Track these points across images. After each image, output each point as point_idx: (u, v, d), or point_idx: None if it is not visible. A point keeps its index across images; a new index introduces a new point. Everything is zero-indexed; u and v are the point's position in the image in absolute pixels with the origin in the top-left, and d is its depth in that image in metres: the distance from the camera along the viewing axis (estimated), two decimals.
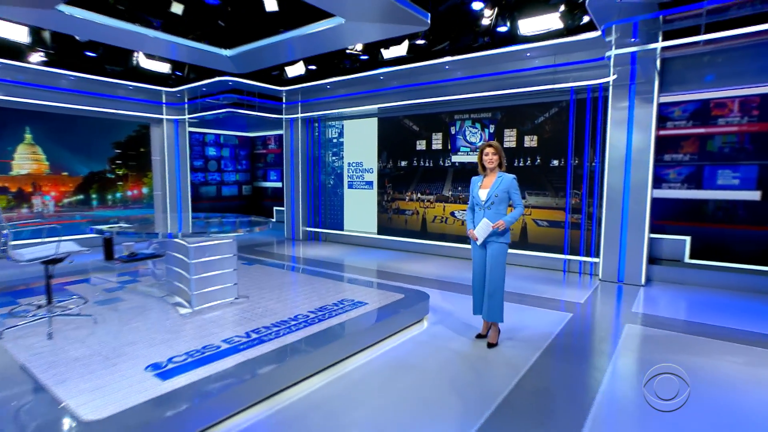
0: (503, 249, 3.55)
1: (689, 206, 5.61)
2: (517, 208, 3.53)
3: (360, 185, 8.32)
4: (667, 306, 4.73)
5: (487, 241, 3.50)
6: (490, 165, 3.53)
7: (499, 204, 3.49)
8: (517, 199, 3.53)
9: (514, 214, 3.51)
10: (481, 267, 3.65)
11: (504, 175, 3.51)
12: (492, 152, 3.52)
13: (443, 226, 7.36)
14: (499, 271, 3.55)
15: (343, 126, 8.49)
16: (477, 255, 3.66)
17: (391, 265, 6.73)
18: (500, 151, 3.56)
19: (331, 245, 8.49)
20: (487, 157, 3.54)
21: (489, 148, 3.55)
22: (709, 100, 5.40)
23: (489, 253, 3.53)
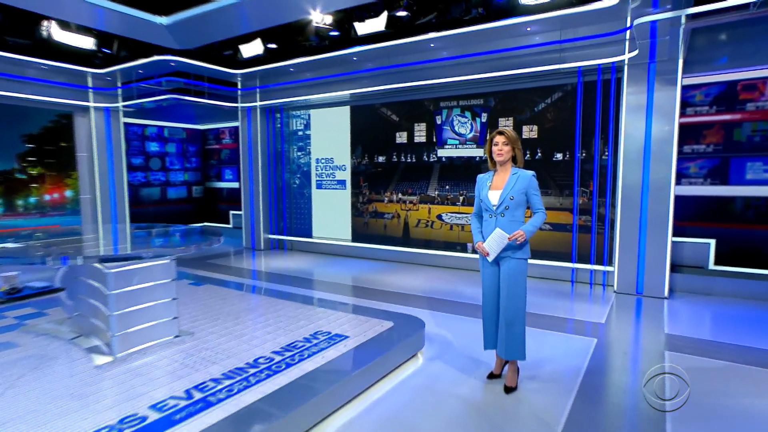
0: (523, 266, 2.97)
1: (713, 204, 5.26)
2: (537, 213, 2.97)
3: (331, 185, 7.76)
4: (701, 324, 4.30)
5: (500, 256, 2.95)
6: (501, 158, 2.96)
7: (516, 209, 2.93)
8: (537, 202, 2.98)
9: (534, 221, 2.95)
10: (494, 290, 3.07)
11: (520, 172, 2.96)
12: (503, 142, 2.94)
13: (429, 231, 6.85)
14: (519, 295, 2.97)
15: (309, 116, 7.92)
16: (488, 275, 3.07)
17: (370, 278, 6.16)
18: (515, 141, 2.97)
19: (298, 255, 7.87)
20: (497, 147, 2.96)
21: (500, 136, 2.97)
22: (736, 81, 5.04)
23: (504, 272, 2.97)
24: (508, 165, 3.01)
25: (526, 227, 2.93)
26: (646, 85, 4.94)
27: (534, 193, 2.97)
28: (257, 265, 7.17)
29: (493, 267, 3.06)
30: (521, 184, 2.94)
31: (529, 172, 2.98)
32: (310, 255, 7.89)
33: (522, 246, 2.96)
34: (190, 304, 4.45)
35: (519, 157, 3.04)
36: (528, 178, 2.96)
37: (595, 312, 4.70)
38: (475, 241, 3.09)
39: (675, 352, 3.62)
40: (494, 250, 2.96)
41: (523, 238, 2.89)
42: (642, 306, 4.86)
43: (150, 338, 3.32)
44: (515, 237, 2.89)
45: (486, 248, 2.97)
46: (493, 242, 2.95)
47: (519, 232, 2.90)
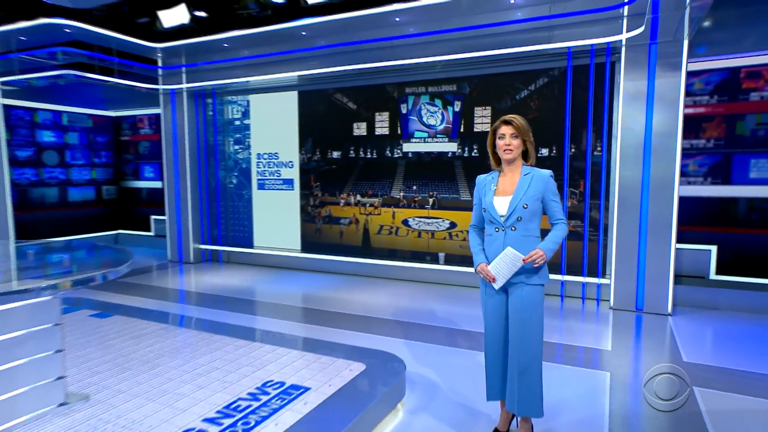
0: (539, 295, 2.49)
1: (714, 206, 5.08)
2: (558, 225, 2.50)
3: (275, 185, 7.19)
4: (719, 348, 4.02)
5: (510, 282, 2.47)
6: (508, 155, 2.47)
7: (530, 220, 2.46)
8: (557, 210, 2.51)
9: (555, 235, 2.47)
10: (500, 325, 2.56)
11: (534, 172, 2.49)
12: (512, 134, 2.46)
13: (393, 239, 6.42)
14: (534, 332, 2.48)
15: (249, 102, 7.31)
16: (493, 306, 2.57)
17: (325, 298, 5.58)
18: (526, 132, 2.48)
19: (237, 270, 7.16)
20: (504, 141, 2.47)
21: (506, 126, 2.48)
22: (738, 68, 4.85)
23: (515, 302, 2.48)
24: (518, 163, 2.53)
25: (545, 245, 2.44)
26: (646, 70, 4.68)
27: (553, 198, 2.49)
28: (185, 284, 6.34)
29: (500, 295, 2.55)
30: (537, 188, 2.46)
31: (546, 172, 2.50)
32: (250, 269, 7.21)
33: (539, 269, 2.47)
34: (89, 347, 3.58)
35: (531, 153, 2.55)
36: (545, 180, 2.47)
37: (595, 335, 4.35)
38: (476, 263, 2.57)
39: (704, 388, 3.25)
40: (503, 275, 2.45)
41: (543, 260, 2.40)
42: (646, 326, 4.57)
43: (21, 412, 2.48)
44: (533, 258, 2.39)
45: (492, 272, 2.46)
46: (503, 265, 2.44)
47: (537, 252, 2.40)
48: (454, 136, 5.96)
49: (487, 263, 2.52)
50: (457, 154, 5.96)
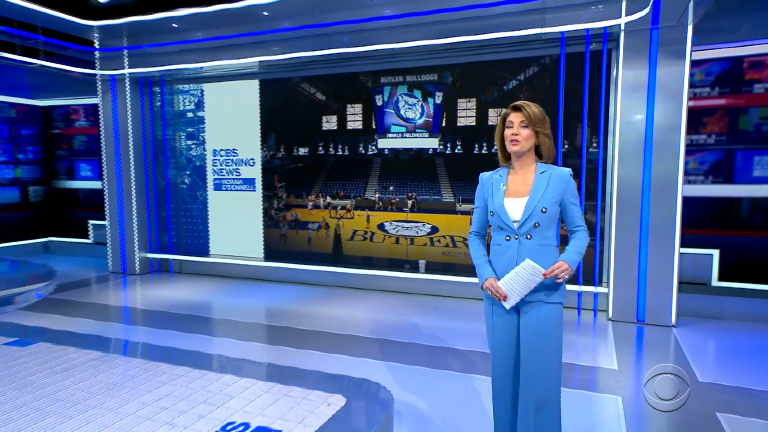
0: (558, 315, 2.24)
1: (716, 207, 4.97)
2: (578, 232, 2.27)
3: (234, 185, 6.91)
4: (734, 365, 3.85)
5: (524, 301, 2.22)
6: (513, 146, 2.22)
7: (548, 227, 2.22)
8: (578, 215, 2.27)
9: (578, 245, 2.24)
10: (510, 351, 2.30)
11: (552, 170, 2.25)
12: (521, 122, 2.21)
13: (368, 245, 6.21)
14: (553, 360, 2.21)
15: (203, 92, 6.98)
16: (502, 328, 2.30)
17: (292, 313, 5.24)
18: (540, 121, 2.22)
19: (190, 282, 6.77)
20: (511, 131, 2.22)
21: (516, 113, 2.23)
22: (741, 57, 4.76)
23: (530, 323, 2.22)
24: (530, 159, 2.27)
25: (569, 256, 2.18)
26: (647, 58, 4.55)
27: (573, 201, 2.25)
28: (129, 300, 5.84)
29: (511, 315, 2.28)
30: (556, 188, 2.20)
31: (565, 170, 2.24)
32: (206, 280, 6.82)
33: (559, 285, 2.22)
34: (1, 385, 3.05)
35: (546, 147, 2.27)
36: (565, 179, 2.22)
37: (596, 351, 4.15)
38: (483, 278, 2.28)
39: (728, 413, 3.04)
40: (518, 292, 2.17)
41: (568, 274, 2.15)
42: (650, 340, 4.40)
43: None
44: (556, 273, 2.12)
45: (504, 289, 2.18)
46: (519, 281, 2.16)
47: (561, 264, 2.13)
48: (436, 131, 5.74)
49: (495, 277, 2.23)
50: (439, 150, 5.73)
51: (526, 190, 2.23)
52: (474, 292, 5.59)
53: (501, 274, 2.23)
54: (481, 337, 4.35)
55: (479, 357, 3.92)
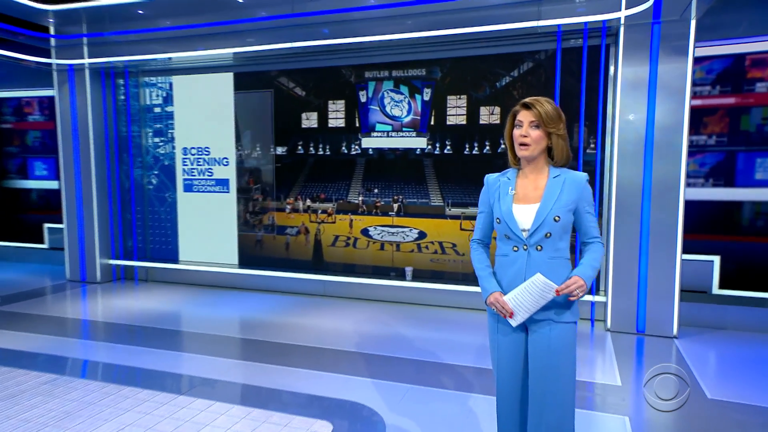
0: (571, 334, 2.13)
1: (717, 211, 4.94)
2: (593, 244, 2.17)
3: (206, 186, 6.73)
4: (745, 380, 3.78)
5: (533, 319, 2.10)
6: (523, 150, 2.10)
7: (560, 237, 2.10)
8: (593, 225, 2.17)
9: (594, 257, 2.14)
10: (517, 372, 2.18)
11: (566, 174, 2.13)
12: (531, 121, 2.08)
13: (350, 252, 6.10)
14: (567, 383, 2.09)
15: (172, 85, 6.78)
16: (509, 347, 2.19)
17: (270, 324, 5.07)
18: (553, 120, 2.08)
19: (158, 290, 6.55)
20: (521, 131, 2.09)
21: (526, 111, 2.10)
22: (743, 55, 4.73)
23: (540, 344, 2.11)
24: (542, 161, 2.15)
25: (584, 271, 2.07)
26: (648, 54, 4.49)
27: (588, 210, 2.15)
28: (89, 312, 5.55)
29: (517, 333, 2.17)
30: (570, 195, 2.09)
31: (581, 175, 2.13)
32: (175, 289, 6.61)
33: (571, 302, 2.10)
34: None
35: (560, 150, 2.13)
36: (581, 185, 2.11)
37: (595, 364, 4.05)
38: (487, 292, 2.16)
39: None
40: (527, 309, 2.05)
41: (583, 291, 2.02)
42: (651, 352, 4.31)
43: None
44: (570, 290, 2.00)
45: (510, 305, 2.06)
46: (528, 297, 2.03)
47: (577, 280, 2.01)
48: (423, 130, 5.64)
49: (501, 292, 2.11)
50: (427, 151, 5.61)
51: (537, 195, 2.10)
52: (465, 301, 5.49)
53: (507, 287, 2.11)
54: (474, 351, 4.24)
55: (473, 373, 3.78)
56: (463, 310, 5.45)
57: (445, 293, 5.53)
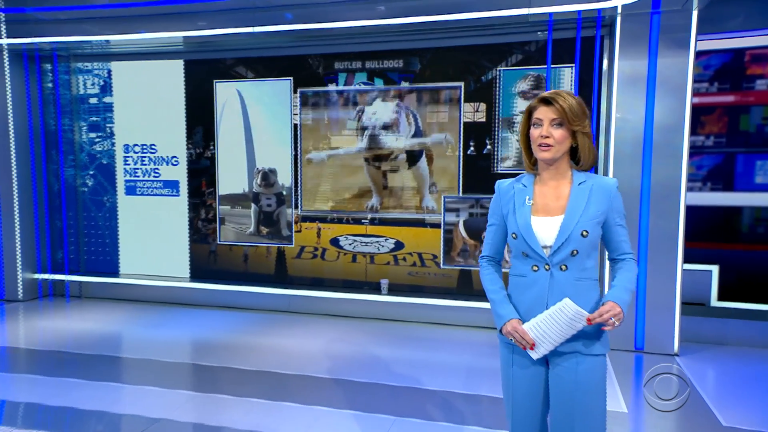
0: (601, 369, 1.97)
1: (715, 217, 4.96)
2: (626, 261, 2.02)
3: (152, 189, 6.55)
4: (759, 403, 3.74)
5: (558, 351, 1.95)
6: (545, 152, 1.93)
7: (587, 255, 1.94)
8: (624, 238, 2.01)
9: (628, 277, 1.98)
10: (537, 413, 2.04)
11: (592, 180, 1.97)
12: (552, 118, 1.91)
13: (318, 265, 6.01)
14: (595, 425, 1.96)
15: (110, 72, 6.53)
16: (525, 382, 2.04)
17: (228, 346, 4.87)
18: (578, 117, 1.91)
19: (94, 309, 6.25)
20: (540, 130, 1.92)
21: (546, 107, 1.92)
22: (743, 50, 4.76)
23: (566, 379, 1.94)
24: (564, 165, 1.98)
25: (619, 295, 1.90)
26: (646, 47, 4.48)
27: (620, 222, 1.99)
28: (8, 338, 5.13)
29: (537, 367, 2.01)
30: (599, 205, 1.93)
31: (611, 181, 1.97)
32: (116, 307, 6.30)
33: (602, 332, 1.94)
34: None
35: (587, 151, 1.97)
36: (611, 193, 1.95)
37: None
38: (503, 320, 1.99)
39: None
40: (552, 340, 1.88)
41: (620, 320, 1.86)
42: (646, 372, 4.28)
43: None
44: (604, 318, 1.83)
45: (532, 335, 1.90)
46: (553, 326, 1.87)
47: (612, 307, 1.86)
48: (401, 130, 5.59)
49: (519, 319, 1.95)
50: (413, 150, 5.54)
51: (559, 206, 1.94)
52: (446, 317, 5.38)
53: (525, 314, 1.95)
54: (461, 374, 4.12)
55: (462, 401, 3.63)
56: (445, 327, 5.34)
57: (425, 308, 5.43)
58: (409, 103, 5.44)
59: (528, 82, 5.09)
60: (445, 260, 5.42)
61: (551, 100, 1.87)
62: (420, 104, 5.41)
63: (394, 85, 5.51)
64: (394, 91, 5.47)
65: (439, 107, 5.36)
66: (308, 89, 5.69)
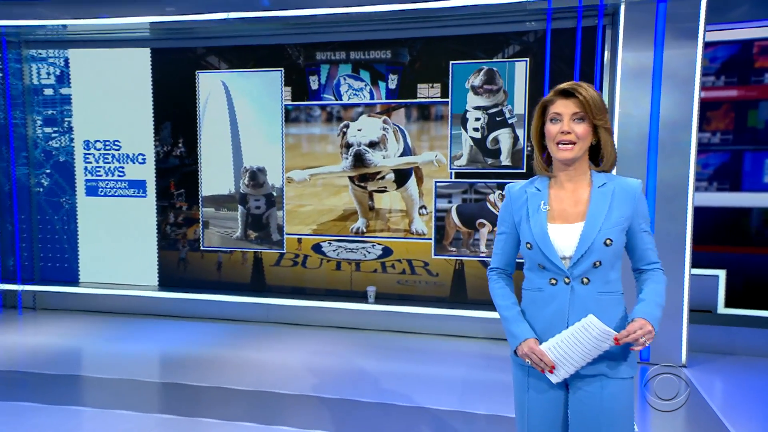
0: (629, 393, 1.90)
1: (721, 219, 4.96)
2: (652, 270, 1.93)
3: (116, 189, 6.49)
4: None
5: (579, 374, 1.88)
6: (566, 152, 1.84)
7: (611, 266, 1.87)
8: (650, 245, 1.93)
9: (657, 289, 1.90)
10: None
11: (615, 182, 1.90)
12: (573, 113, 1.83)
13: (299, 273, 6.01)
14: None
15: (68, 61, 6.42)
16: (543, 408, 1.95)
17: (200, 362, 4.82)
18: (600, 108, 1.85)
19: (51, 321, 6.14)
20: (558, 125, 1.84)
21: (566, 101, 1.85)
22: (751, 41, 4.78)
23: (590, 405, 1.87)
24: (583, 166, 1.91)
25: (649, 311, 1.82)
26: (652, 38, 4.49)
27: (645, 228, 1.91)
28: None
29: (556, 391, 1.92)
30: (623, 209, 1.85)
31: (634, 182, 1.90)
32: (75, 319, 6.18)
33: (629, 352, 1.89)
34: None
35: (609, 149, 1.89)
36: (635, 196, 1.87)
37: None
38: (519, 340, 1.93)
39: None
40: (574, 361, 1.82)
41: (651, 339, 1.79)
42: (662, 387, 4.25)
43: None
44: (634, 338, 1.74)
45: (551, 356, 1.82)
46: (576, 346, 1.81)
47: (642, 324, 1.76)
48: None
49: (536, 339, 1.87)
50: None
51: (578, 212, 1.87)
52: (438, 326, 5.35)
53: (543, 333, 1.87)
54: (457, 389, 4.10)
55: (460, 420, 3.58)
56: (437, 337, 5.31)
57: (415, 317, 5.41)
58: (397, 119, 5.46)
59: (481, 77, 5.16)
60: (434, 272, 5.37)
61: (573, 92, 1.80)
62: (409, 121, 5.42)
63: (381, 78, 5.49)
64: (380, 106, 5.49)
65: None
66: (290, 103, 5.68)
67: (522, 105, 5.14)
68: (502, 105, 5.16)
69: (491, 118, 5.19)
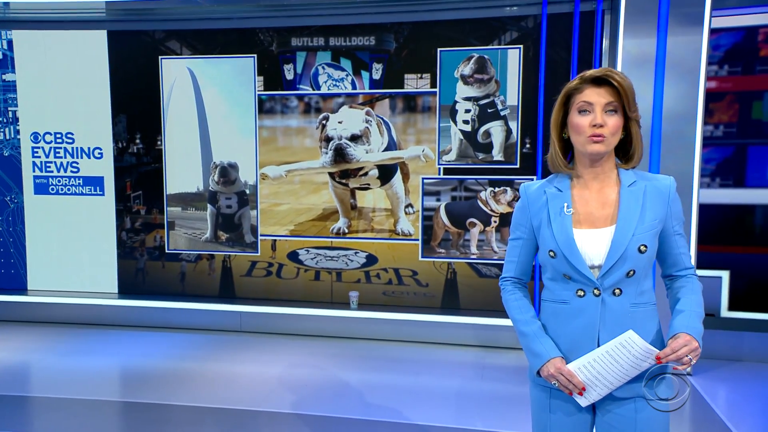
0: (664, 415, 1.85)
1: (725, 217, 5.03)
2: (687, 277, 1.87)
3: (69, 186, 6.40)
4: None
5: (610, 396, 1.82)
6: (597, 145, 1.77)
7: (645, 275, 1.81)
8: (684, 249, 1.87)
9: (694, 300, 1.82)
10: None
11: (646, 180, 1.85)
12: (605, 103, 1.74)
13: (273, 283, 6.03)
14: None
15: (11, 43, 6.34)
16: (568, 430, 1.90)
17: (165, 376, 4.78)
18: (634, 99, 1.79)
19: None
20: (589, 117, 1.76)
21: (597, 89, 1.77)
22: (755, 28, 4.84)
23: (618, 428, 1.83)
24: (610, 163, 1.84)
25: (691, 324, 1.74)
26: (655, 24, 4.49)
27: (679, 230, 1.85)
28: None
29: (583, 414, 1.86)
30: (655, 211, 1.79)
31: (666, 180, 1.84)
32: (23, 331, 6.07)
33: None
34: None
35: (639, 144, 1.83)
36: (668, 196, 1.81)
37: None
38: (543, 359, 1.85)
39: None
40: (608, 383, 1.76)
41: (698, 356, 1.72)
42: None
43: None
44: (678, 356, 1.67)
45: (582, 376, 1.76)
46: (612, 366, 1.74)
47: (688, 341, 1.69)
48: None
49: (563, 358, 1.79)
50: None
51: (606, 214, 1.80)
52: (427, 334, 5.35)
53: (568, 351, 1.81)
54: (450, 402, 4.05)
55: None
56: (426, 346, 5.32)
57: (402, 324, 5.41)
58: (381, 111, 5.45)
59: (471, 66, 5.17)
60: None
61: (606, 79, 1.71)
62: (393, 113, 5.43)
63: (364, 67, 5.46)
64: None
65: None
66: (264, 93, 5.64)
67: (515, 96, 5.17)
68: (494, 95, 5.19)
69: (482, 109, 5.22)
